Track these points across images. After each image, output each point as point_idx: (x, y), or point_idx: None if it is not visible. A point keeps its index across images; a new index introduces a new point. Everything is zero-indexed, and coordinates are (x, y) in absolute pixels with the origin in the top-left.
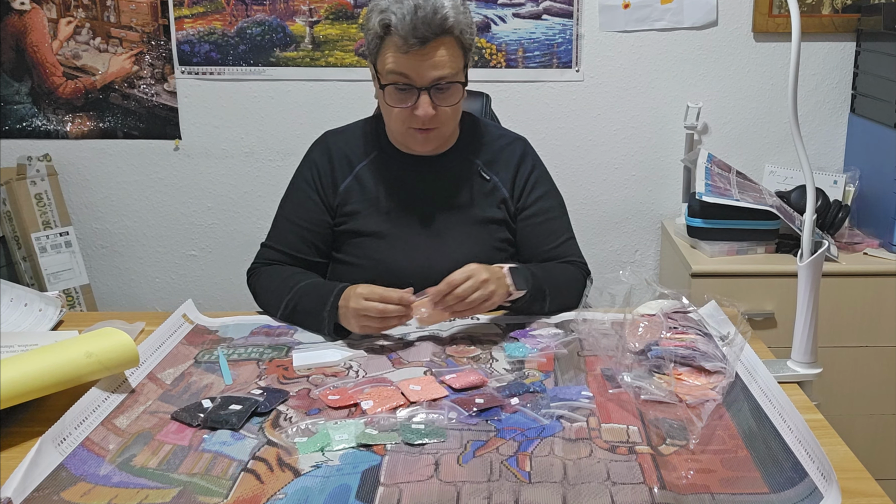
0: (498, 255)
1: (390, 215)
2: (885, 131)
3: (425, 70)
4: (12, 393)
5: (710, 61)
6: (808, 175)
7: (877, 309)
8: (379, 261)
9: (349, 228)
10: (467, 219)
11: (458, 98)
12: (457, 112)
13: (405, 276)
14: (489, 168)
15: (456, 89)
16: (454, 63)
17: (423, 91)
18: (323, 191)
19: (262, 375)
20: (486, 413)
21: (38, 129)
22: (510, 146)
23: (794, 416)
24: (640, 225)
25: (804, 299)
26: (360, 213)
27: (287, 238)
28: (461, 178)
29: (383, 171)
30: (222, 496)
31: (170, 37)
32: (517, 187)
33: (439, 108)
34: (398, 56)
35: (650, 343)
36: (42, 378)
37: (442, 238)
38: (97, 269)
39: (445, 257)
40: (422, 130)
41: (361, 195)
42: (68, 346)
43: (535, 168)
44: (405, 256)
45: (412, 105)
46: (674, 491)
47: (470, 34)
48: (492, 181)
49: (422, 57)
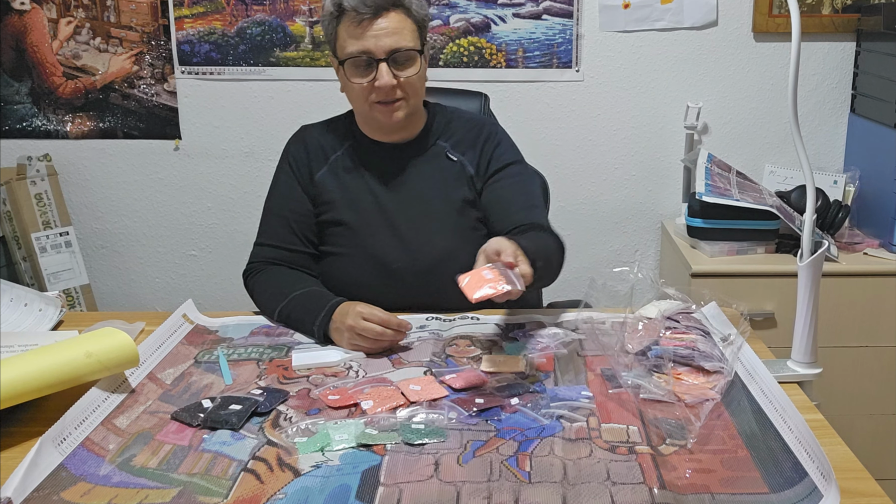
0: (474, 235)
1: (367, 204)
2: (885, 131)
3: (381, 39)
4: (12, 393)
5: (710, 61)
6: (808, 175)
7: (877, 309)
8: (359, 249)
9: (328, 219)
10: (441, 202)
11: (417, 68)
12: (419, 83)
13: (387, 263)
14: (455, 149)
15: (414, 59)
16: (409, 34)
17: (381, 62)
18: (302, 181)
19: (262, 375)
20: (486, 413)
21: (38, 129)
22: (476, 127)
23: (794, 416)
24: (640, 225)
25: (804, 299)
26: (336, 202)
27: (278, 232)
28: (430, 162)
29: (356, 160)
30: (222, 496)
31: (170, 37)
32: (483, 162)
33: (400, 81)
34: (353, 29)
35: (650, 343)
36: (42, 378)
37: (419, 223)
38: (97, 269)
39: (425, 241)
40: (386, 104)
41: (337, 184)
42: (68, 346)
43: (501, 143)
44: (386, 243)
45: (373, 78)
46: (674, 491)
47: (420, 7)
48: (458, 162)
49: (376, 27)
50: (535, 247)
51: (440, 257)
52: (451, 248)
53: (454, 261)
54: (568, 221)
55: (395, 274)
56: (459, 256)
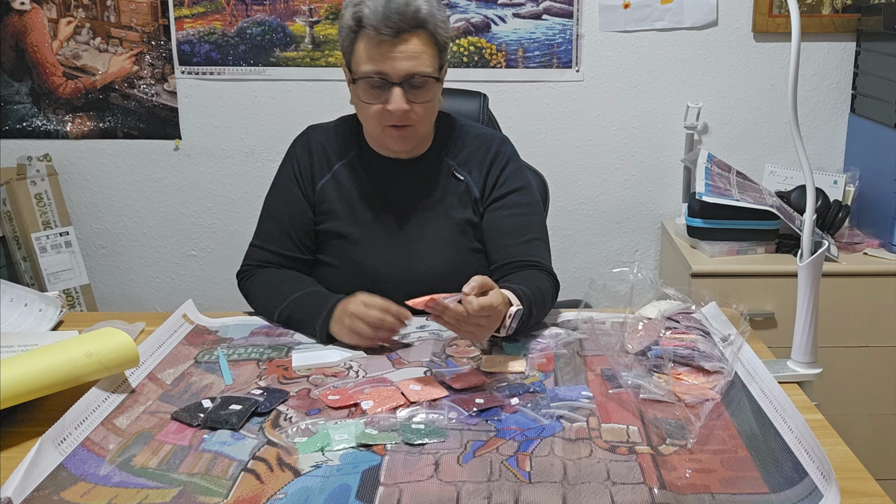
0: (473, 258)
1: (366, 218)
2: (885, 131)
3: (398, 63)
4: (12, 393)
5: (710, 61)
6: (808, 175)
7: (877, 309)
8: (356, 263)
9: (326, 229)
10: (443, 221)
11: (432, 95)
12: (432, 111)
13: (382, 280)
14: (462, 167)
15: (430, 86)
16: (429, 58)
17: (396, 85)
18: (303, 186)
19: (262, 375)
20: (486, 413)
21: (39, 129)
22: (485, 145)
23: (794, 416)
24: (640, 225)
25: (804, 299)
26: (336, 213)
27: (274, 236)
28: (436, 179)
29: (360, 172)
30: (222, 496)
31: (170, 37)
32: (488, 185)
33: (413, 105)
34: (371, 49)
35: (650, 343)
36: (42, 378)
37: (418, 241)
38: (97, 269)
39: (422, 261)
40: (397, 128)
41: (338, 195)
42: (68, 346)
43: (509, 164)
44: (382, 260)
45: (385, 100)
46: (674, 491)
47: (445, 31)
48: (464, 181)
49: (395, 49)
50: (531, 294)
51: (436, 278)
52: (448, 270)
53: (450, 282)
54: (568, 221)
55: (388, 291)
56: (456, 278)
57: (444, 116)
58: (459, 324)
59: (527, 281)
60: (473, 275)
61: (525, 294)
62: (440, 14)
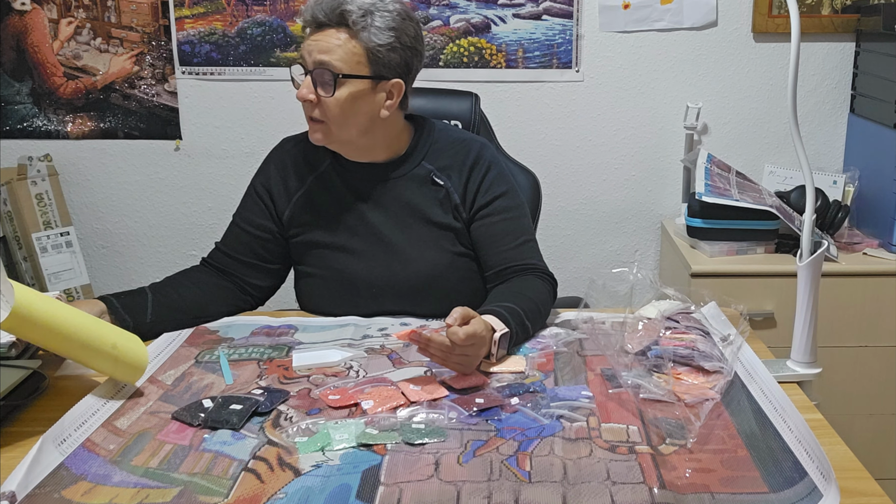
0: (457, 262)
1: (345, 225)
2: (885, 131)
3: (313, 52)
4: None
5: (709, 61)
6: (807, 175)
7: (876, 309)
8: (337, 271)
9: (305, 239)
10: (423, 225)
11: (345, 95)
12: (343, 109)
13: (366, 286)
14: (441, 172)
15: (344, 85)
16: (345, 55)
17: (308, 73)
18: (272, 200)
19: (263, 375)
20: (486, 413)
21: (39, 130)
22: (464, 150)
23: (794, 416)
24: (640, 225)
25: (804, 299)
26: (314, 223)
27: (231, 241)
28: (415, 185)
29: (335, 180)
30: (223, 496)
31: (170, 37)
32: (469, 192)
33: (323, 100)
34: (305, 38)
35: (650, 343)
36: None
37: (400, 247)
38: (98, 269)
39: (405, 266)
40: (311, 120)
41: (316, 205)
42: (105, 326)
43: (491, 170)
44: (363, 266)
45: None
46: (674, 490)
47: (379, 39)
48: (444, 186)
49: (313, 40)
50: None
51: (420, 281)
52: (432, 273)
53: (434, 286)
54: (568, 221)
55: (371, 297)
56: (440, 283)
57: (420, 120)
58: (446, 356)
59: (521, 291)
60: (456, 279)
61: (515, 312)
62: (381, 23)
